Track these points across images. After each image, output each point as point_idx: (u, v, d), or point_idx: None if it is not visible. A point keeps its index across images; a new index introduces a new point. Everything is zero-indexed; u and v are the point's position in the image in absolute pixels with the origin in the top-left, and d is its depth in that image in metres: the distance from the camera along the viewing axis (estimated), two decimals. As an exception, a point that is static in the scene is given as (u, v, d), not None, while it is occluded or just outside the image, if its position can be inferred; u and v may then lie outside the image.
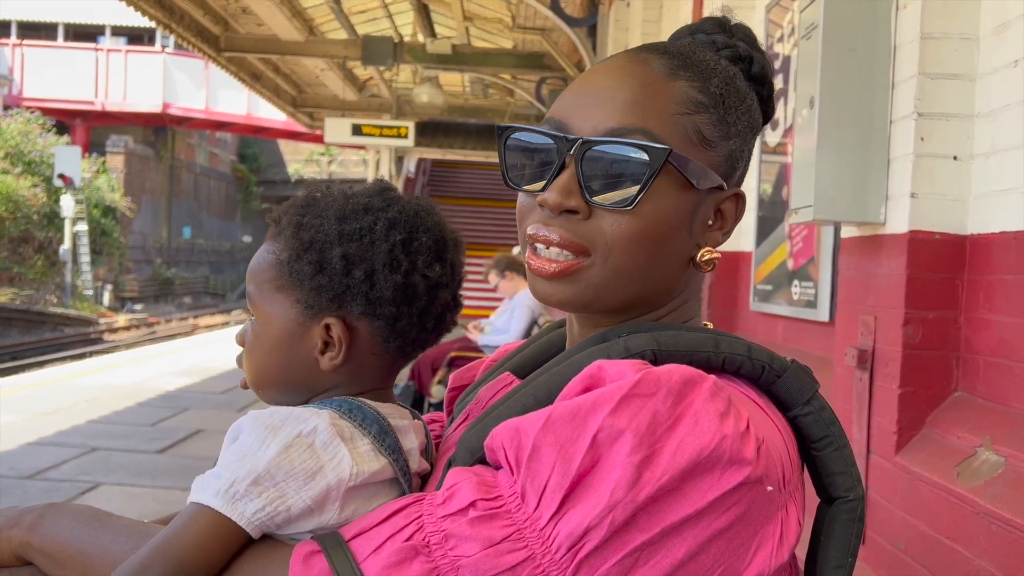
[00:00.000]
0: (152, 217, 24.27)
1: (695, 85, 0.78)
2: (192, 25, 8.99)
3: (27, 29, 24.00)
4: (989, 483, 1.75)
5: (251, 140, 29.43)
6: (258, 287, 0.84)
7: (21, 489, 4.29)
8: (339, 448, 0.75)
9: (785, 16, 3.46)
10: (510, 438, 0.68)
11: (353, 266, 0.80)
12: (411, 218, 0.84)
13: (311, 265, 0.81)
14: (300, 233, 0.82)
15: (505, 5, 9.11)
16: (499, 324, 5.91)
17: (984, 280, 2.00)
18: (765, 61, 0.86)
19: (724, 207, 0.82)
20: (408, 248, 0.82)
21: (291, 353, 0.83)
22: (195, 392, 7.50)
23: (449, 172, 22.47)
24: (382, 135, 13.08)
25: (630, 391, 0.66)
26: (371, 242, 0.81)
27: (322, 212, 0.83)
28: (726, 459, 0.65)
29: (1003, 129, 1.95)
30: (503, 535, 0.64)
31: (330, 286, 0.80)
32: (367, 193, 0.85)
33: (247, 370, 0.86)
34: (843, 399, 2.39)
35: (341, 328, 0.81)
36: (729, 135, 0.80)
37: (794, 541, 0.70)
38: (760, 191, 3.67)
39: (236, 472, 0.72)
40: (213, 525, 0.70)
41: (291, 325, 0.83)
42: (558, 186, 0.76)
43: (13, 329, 15.39)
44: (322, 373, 0.83)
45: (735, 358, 0.74)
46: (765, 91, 0.86)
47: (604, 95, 0.77)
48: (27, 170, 18.11)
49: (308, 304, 0.82)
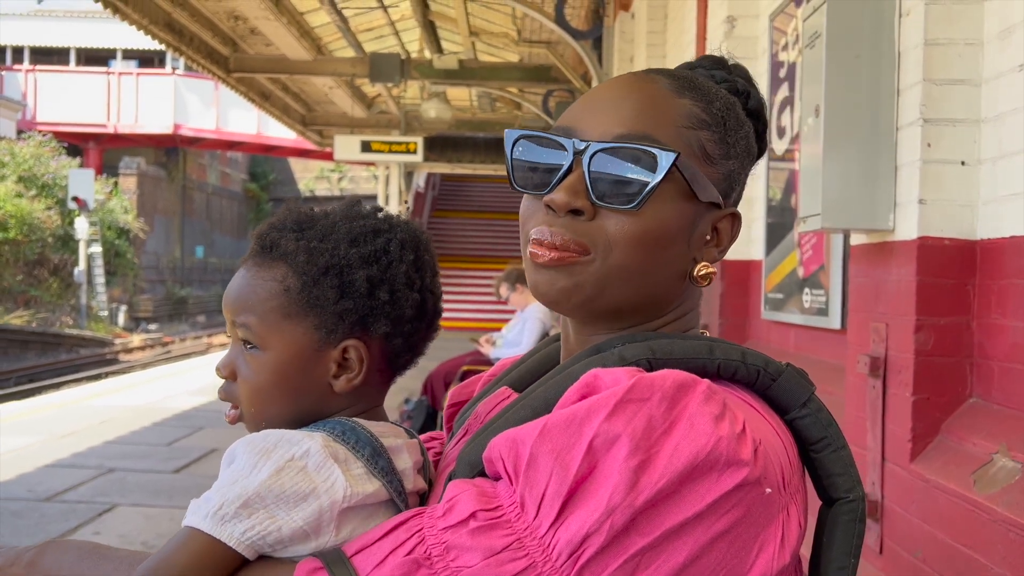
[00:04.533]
0: (165, 237, 24.44)
1: (699, 105, 0.81)
2: (202, 47, 9.09)
3: (40, 54, 24.31)
4: (1006, 490, 1.74)
5: (262, 159, 29.62)
6: (261, 317, 0.82)
7: (38, 512, 4.31)
8: (332, 470, 0.75)
9: (789, 24, 3.47)
10: (508, 448, 0.69)
11: (377, 288, 0.82)
12: (414, 238, 0.87)
13: (333, 290, 0.81)
14: (314, 259, 0.82)
15: (510, 20, 9.16)
16: (511, 337, 5.91)
17: (996, 285, 1.99)
18: (760, 98, 0.89)
19: (720, 225, 0.83)
20: (419, 266, 0.85)
21: (303, 380, 0.83)
22: (210, 411, 7.53)
23: (458, 186, 22.54)
24: (391, 151, 13.16)
25: (624, 396, 0.67)
26: (389, 263, 0.83)
27: (328, 235, 0.83)
28: (723, 461, 0.65)
29: (1010, 133, 1.94)
30: (504, 544, 0.65)
31: (355, 309, 0.81)
32: (363, 215, 0.87)
33: (247, 402, 0.84)
34: (856, 407, 2.38)
35: (362, 349, 0.82)
36: (729, 155, 0.82)
37: (795, 543, 0.70)
38: (769, 198, 3.67)
39: (226, 495, 0.73)
40: (203, 547, 0.71)
41: (304, 352, 0.82)
42: (566, 186, 0.77)
43: (30, 351, 15.50)
44: (332, 396, 0.83)
45: (730, 363, 0.75)
46: (760, 126, 0.88)
47: (612, 104, 0.80)
48: (41, 193, 18.30)
49: (329, 329, 0.82)
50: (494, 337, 6.08)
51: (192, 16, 8.43)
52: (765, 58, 3.75)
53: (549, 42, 9.23)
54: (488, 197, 21.99)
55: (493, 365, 4.48)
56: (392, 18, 9.97)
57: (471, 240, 20.00)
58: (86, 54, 24.67)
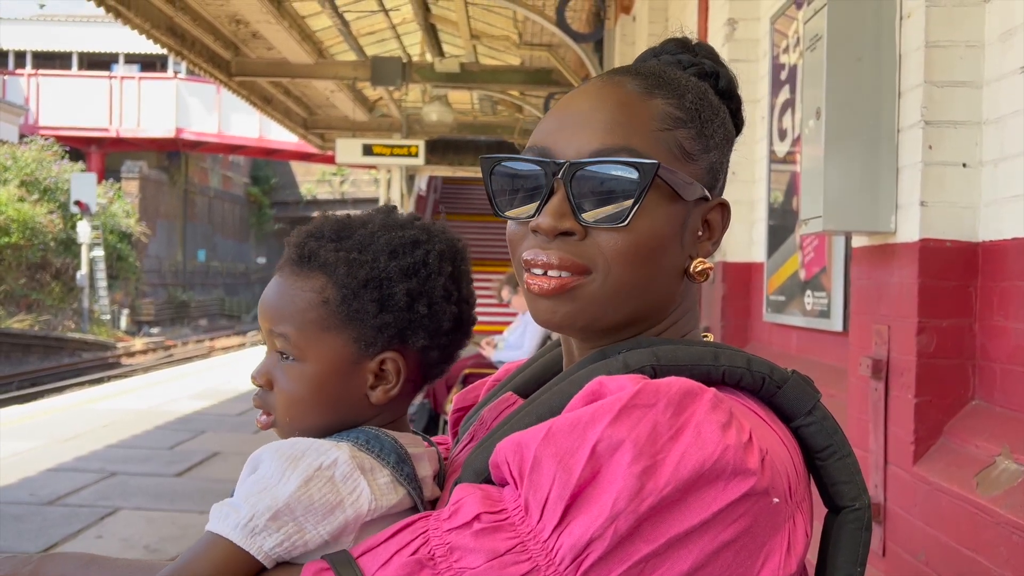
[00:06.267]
0: (167, 241, 24.47)
1: (671, 102, 0.79)
2: (203, 51, 9.10)
3: (42, 59, 24.36)
4: (1009, 492, 1.74)
5: (263, 162, 29.66)
6: (299, 328, 0.82)
7: (41, 516, 4.31)
8: (359, 481, 0.75)
9: (790, 26, 3.47)
10: (513, 452, 0.69)
11: (416, 301, 0.82)
12: (452, 248, 0.86)
13: (373, 303, 0.81)
14: (354, 271, 0.81)
15: (512, 23, 9.17)
16: (512, 340, 5.91)
17: (998, 287, 1.99)
18: (731, 75, 0.87)
19: (711, 217, 0.83)
20: (455, 278, 0.85)
21: (340, 391, 0.82)
22: (212, 415, 7.53)
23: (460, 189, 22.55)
24: (393, 154, 13.16)
25: (629, 402, 0.67)
26: (427, 276, 0.83)
27: (367, 246, 0.83)
28: (730, 470, 0.65)
29: (1012, 135, 1.94)
30: (507, 547, 0.65)
31: (395, 323, 0.81)
32: (402, 224, 0.86)
33: (283, 412, 0.84)
34: (859, 409, 2.37)
35: (401, 361, 0.83)
36: (708, 148, 0.81)
37: (802, 552, 0.70)
38: (771, 201, 3.67)
39: (256, 506, 0.72)
40: (230, 556, 0.71)
41: (343, 364, 0.82)
42: (550, 210, 0.76)
43: (32, 355, 15.52)
44: (367, 408, 0.84)
45: (735, 371, 0.75)
46: (734, 104, 0.88)
47: (584, 118, 0.78)
48: (43, 197, 18.33)
49: (367, 342, 0.82)
50: (496, 340, 6.07)
51: (194, 20, 8.44)
52: (766, 61, 3.75)
53: (550, 45, 9.24)
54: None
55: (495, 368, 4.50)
56: (393, 21, 9.98)
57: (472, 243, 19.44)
58: (88, 58, 24.73)
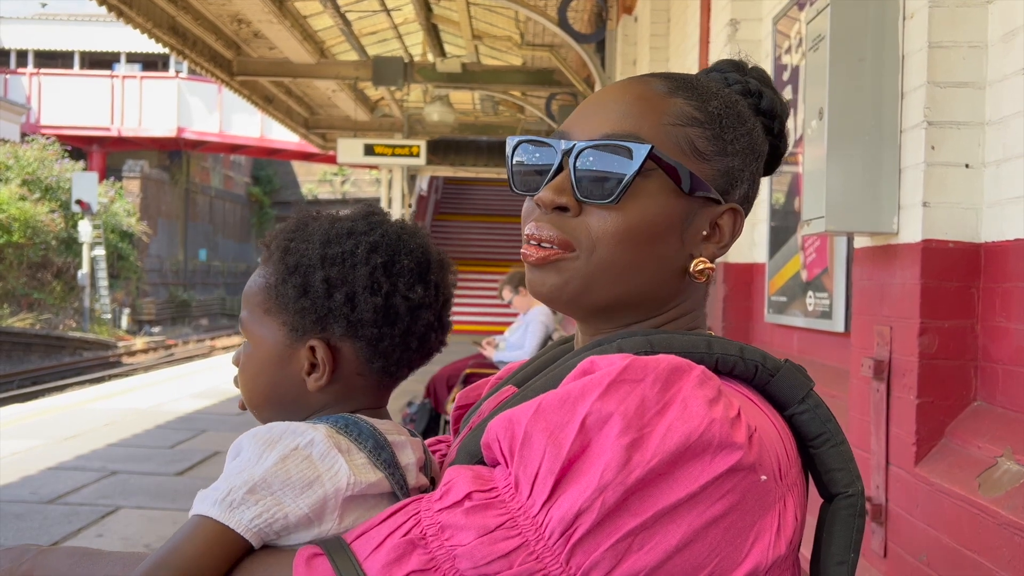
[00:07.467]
0: (168, 240, 24.48)
1: (692, 103, 0.81)
2: (205, 50, 9.11)
3: (44, 58, 24.38)
4: (1011, 493, 1.73)
5: (265, 162, 29.68)
6: (250, 311, 0.88)
7: (42, 514, 4.31)
8: (336, 459, 0.76)
9: (792, 27, 3.47)
10: (504, 428, 0.70)
11: (334, 289, 0.83)
12: (393, 241, 0.86)
13: (295, 289, 0.84)
14: (286, 258, 0.85)
15: (513, 23, 9.17)
16: (513, 340, 5.91)
17: (1000, 288, 1.99)
18: (775, 97, 0.88)
19: (721, 221, 0.83)
20: (389, 271, 0.84)
21: (280, 374, 0.86)
22: (212, 414, 7.53)
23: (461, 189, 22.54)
24: (394, 154, 13.19)
25: (618, 376, 0.68)
26: (352, 265, 0.83)
27: (308, 237, 0.86)
28: (716, 443, 0.65)
29: (1014, 136, 1.94)
30: (497, 523, 0.65)
31: (313, 309, 0.83)
32: (352, 217, 0.88)
33: (242, 390, 0.89)
34: (860, 410, 2.37)
35: (325, 350, 0.84)
36: (726, 152, 0.82)
37: (792, 535, 0.70)
38: (772, 201, 3.67)
39: (233, 482, 0.74)
40: (213, 534, 0.72)
41: (279, 347, 0.86)
42: (552, 185, 0.80)
43: (33, 354, 15.53)
44: (311, 393, 0.85)
45: (728, 358, 0.76)
46: (775, 126, 0.88)
47: (602, 107, 0.82)
48: (45, 196, 18.34)
49: (293, 327, 0.84)
50: (497, 340, 6.07)
51: (196, 19, 8.46)
52: (768, 61, 3.75)
53: (552, 45, 9.25)
54: (491, 200, 22.01)
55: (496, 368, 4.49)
56: (395, 22, 9.99)
57: (473, 243, 20.02)
58: (90, 57, 24.74)
